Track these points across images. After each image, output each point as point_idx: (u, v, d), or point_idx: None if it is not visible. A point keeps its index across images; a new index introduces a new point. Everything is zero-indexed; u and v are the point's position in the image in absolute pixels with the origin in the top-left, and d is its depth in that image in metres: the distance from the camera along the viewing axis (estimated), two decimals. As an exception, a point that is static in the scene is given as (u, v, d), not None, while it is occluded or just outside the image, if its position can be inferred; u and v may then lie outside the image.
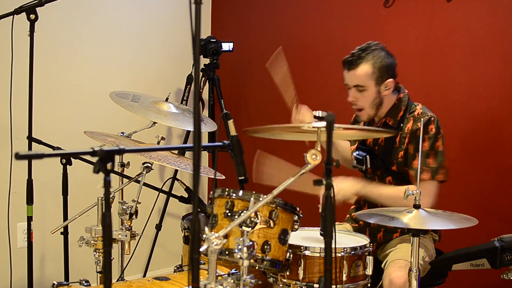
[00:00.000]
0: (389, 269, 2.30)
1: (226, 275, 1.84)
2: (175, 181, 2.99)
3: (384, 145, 2.50)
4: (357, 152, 2.55)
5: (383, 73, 2.42)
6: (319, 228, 2.14)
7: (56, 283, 1.98)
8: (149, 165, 2.39)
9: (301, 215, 2.05)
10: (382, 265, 2.42)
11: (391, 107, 2.49)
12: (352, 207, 2.72)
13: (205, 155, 4.03)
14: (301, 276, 2.08)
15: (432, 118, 2.41)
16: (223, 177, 2.39)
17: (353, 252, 2.13)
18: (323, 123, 1.75)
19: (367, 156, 2.50)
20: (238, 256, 1.71)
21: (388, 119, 2.48)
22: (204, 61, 3.74)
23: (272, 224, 1.95)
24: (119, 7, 3.65)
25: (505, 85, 2.92)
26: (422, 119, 2.35)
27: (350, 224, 2.64)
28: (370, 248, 2.19)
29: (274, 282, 2.16)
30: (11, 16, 2.63)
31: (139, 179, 2.38)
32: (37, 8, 2.61)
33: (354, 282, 2.13)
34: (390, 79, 2.45)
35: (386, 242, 2.53)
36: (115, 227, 1.77)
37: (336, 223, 2.45)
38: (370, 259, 2.16)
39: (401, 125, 2.46)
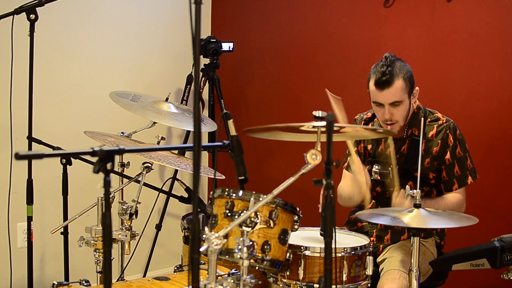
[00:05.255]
0: (383, 280, 2.31)
1: (226, 275, 1.84)
2: (175, 181, 2.98)
3: (407, 153, 2.51)
4: (377, 167, 2.54)
5: (412, 83, 2.44)
6: (319, 228, 2.14)
7: (56, 283, 1.98)
8: (149, 165, 2.39)
9: (301, 215, 2.04)
10: (380, 269, 2.42)
11: (412, 116, 2.51)
12: (352, 210, 2.72)
13: (205, 155, 4.03)
14: (301, 276, 2.08)
15: (454, 123, 2.50)
16: (223, 177, 2.39)
17: (353, 252, 2.13)
18: (323, 123, 1.75)
19: (390, 168, 2.50)
20: (238, 256, 1.71)
21: (414, 130, 2.50)
22: (204, 61, 3.74)
23: (272, 224, 1.95)
24: (119, 7, 3.65)
25: (505, 85, 2.92)
26: (449, 126, 2.47)
27: (348, 227, 2.64)
28: (370, 248, 2.19)
29: (274, 282, 2.16)
30: (11, 16, 2.63)
31: (139, 179, 2.38)
32: (37, 8, 2.61)
33: (354, 282, 2.13)
34: (417, 87, 2.48)
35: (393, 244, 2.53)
36: (115, 227, 1.77)
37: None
38: (370, 259, 2.16)
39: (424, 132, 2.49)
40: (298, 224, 2.04)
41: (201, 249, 1.58)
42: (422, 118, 2.37)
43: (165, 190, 2.92)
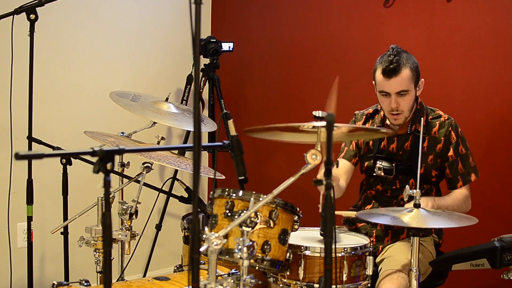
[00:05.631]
0: (381, 281, 2.31)
1: (226, 275, 1.84)
2: (175, 181, 2.99)
3: (411, 149, 2.50)
4: (380, 163, 2.52)
5: (418, 73, 2.46)
6: (319, 228, 2.14)
7: (56, 283, 1.98)
8: (149, 165, 2.39)
9: (301, 215, 2.04)
10: (379, 269, 2.42)
11: (415, 112, 2.51)
12: (350, 208, 2.72)
13: (205, 155, 4.03)
14: (301, 276, 2.08)
15: (454, 121, 2.52)
16: (223, 177, 2.39)
17: (353, 252, 2.13)
18: (323, 123, 1.75)
19: (393, 164, 2.50)
20: (238, 256, 1.71)
21: (417, 126, 2.49)
22: (204, 61, 3.74)
23: (272, 224, 1.95)
24: (119, 7, 3.65)
25: (505, 85, 2.92)
26: (451, 124, 2.49)
27: (348, 226, 2.64)
28: (371, 248, 2.19)
29: (274, 282, 2.16)
30: (11, 16, 2.63)
31: (139, 179, 2.38)
32: (37, 8, 2.61)
33: (354, 282, 2.13)
34: (422, 79, 2.49)
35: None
36: (115, 227, 1.77)
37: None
38: (370, 259, 2.16)
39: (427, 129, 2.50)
40: (298, 224, 2.04)
41: (201, 249, 1.58)
42: (422, 118, 2.37)
43: (165, 190, 2.92)
